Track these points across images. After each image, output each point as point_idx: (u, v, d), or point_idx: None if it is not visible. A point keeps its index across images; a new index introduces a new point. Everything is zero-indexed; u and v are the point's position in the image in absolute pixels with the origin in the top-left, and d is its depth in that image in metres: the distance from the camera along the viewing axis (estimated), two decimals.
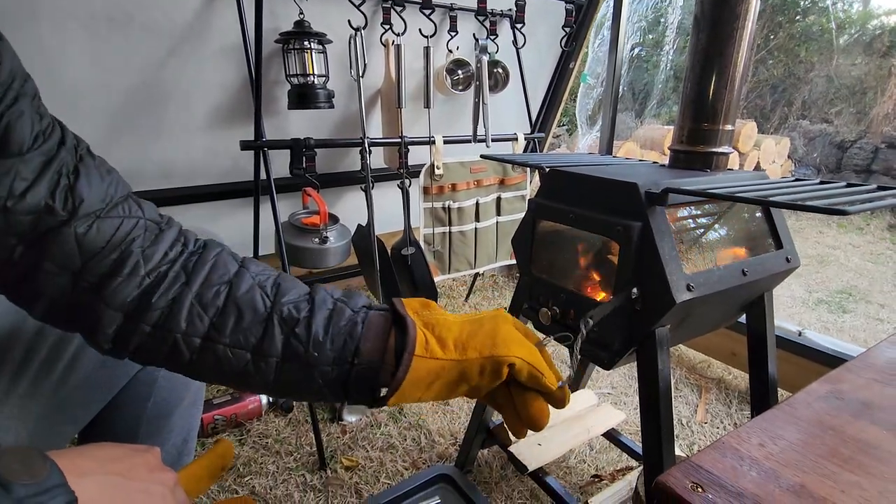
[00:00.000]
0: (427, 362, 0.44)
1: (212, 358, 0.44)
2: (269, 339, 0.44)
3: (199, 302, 0.44)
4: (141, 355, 0.45)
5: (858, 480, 0.42)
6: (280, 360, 0.44)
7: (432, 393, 0.46)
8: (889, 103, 5.20)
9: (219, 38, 1.29)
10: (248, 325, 0.44)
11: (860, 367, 0.60)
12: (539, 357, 0.46)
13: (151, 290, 0.43)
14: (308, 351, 0.44)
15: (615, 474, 1.13)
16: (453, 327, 0.47)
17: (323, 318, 0.45)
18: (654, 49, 5.84)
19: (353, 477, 1.13)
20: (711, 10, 0.74)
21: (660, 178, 0.69)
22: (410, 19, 1.40)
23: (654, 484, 0.42)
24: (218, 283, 0.45)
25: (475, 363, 0.45)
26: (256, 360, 0.44)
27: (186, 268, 0.45)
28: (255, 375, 0.44)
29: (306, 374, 0.44)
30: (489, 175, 1.63)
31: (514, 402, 0.47)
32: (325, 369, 0.44)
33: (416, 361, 0.44)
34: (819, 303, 2.56)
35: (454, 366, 0.45)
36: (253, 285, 0.45)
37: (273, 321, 0.44)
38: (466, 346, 0.45)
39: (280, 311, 0.44)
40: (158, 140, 1.38)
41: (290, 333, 0.44)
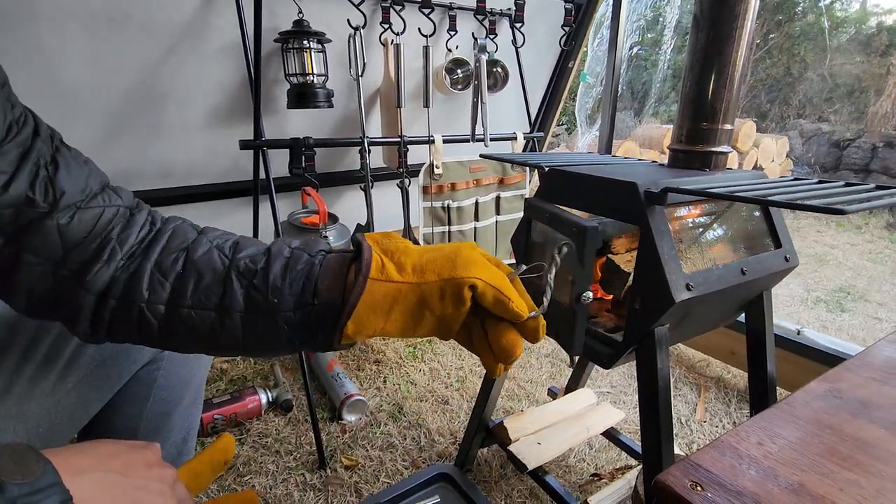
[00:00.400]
0: (383, 285, 0.43)
1: (179, 323, 0.44)
2: (229, 295, 0.44)
3: (159, 270, 0.44)
4: (115, 334, 0.46)
5: (857, 479, 0.42)
6: (243, 313, 0.44)
7: (394, 323, 0.44)
8: (887, 102, 5.21)
9: (218, 38, 1.28)
10: (209, 285, 0.44)
11: (858, 366, 0.60)
12: (505, 282, 0.44)
13: (122, 270, 0.44)
14: (268, 299, 0.44)
15: (614, 473, 1.13)
16: (413, 253, 0.45)
17: (280, 267, 0.45)
18: (653, 48, 5.84)
19: (352, 476, 1.13)
20: (711, 9, 0.74)
21: (659, 178, 0.69)
22: (410, 19, 1.40)
23: (654, 483, 0.42)
24: (176, 249, 0.46)
25: (434, 286, 0.43)
26: (222, 318, 0.44)
27: (147, 241, 0.46)
28: (224, 334, 0.44)
29: (271, 322, 0.44)
30: (488, 174, 1.63)
31: (487, 337, 0.45)
32: (287, 315, 0.44)
33: (370, 284, 0.43)
34: (818, 302, 2.57)
35: (412, 289, 0.43)
36: (210, 248, 0.46)
37: (231, 277, 0.44)
38: (425, 269, 0.43)
39: (237, 267, 0.45)
40: (158, 139, 1.38)
41: (249, 286, 0.44)
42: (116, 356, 0.62)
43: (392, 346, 1.70)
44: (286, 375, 1.50)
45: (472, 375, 1.56)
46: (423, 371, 1.57)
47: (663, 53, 5.63)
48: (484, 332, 0.45)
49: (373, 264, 0.43)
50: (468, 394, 1.46)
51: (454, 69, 1.64)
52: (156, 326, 0.44)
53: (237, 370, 1.53)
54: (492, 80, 1.65)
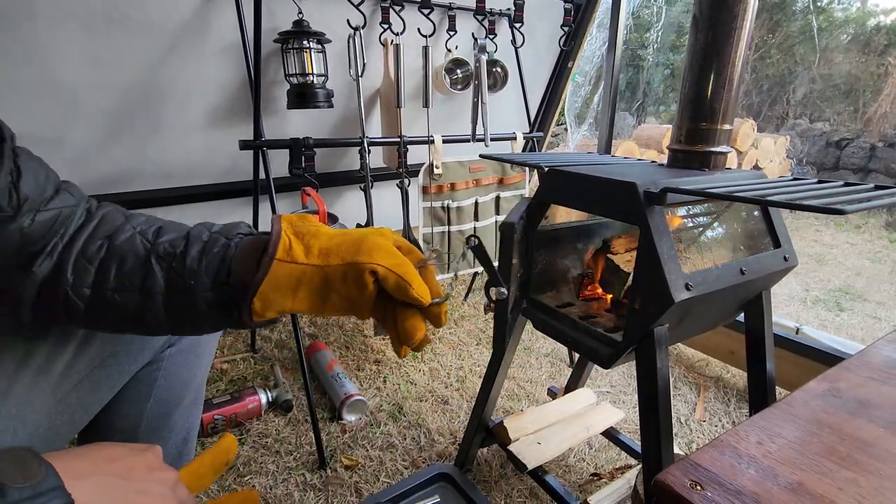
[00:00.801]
0: (287, 266, 0.45)
1: (104, 305, 0.46)
2: (151, 278, 0.46)
3: (84, 255, 0.47)
4: (50, 317, 0.48)
5: (855, 478, 0.42)
6: (164, 294, 0.47)
7: (301, 301, 0.46)
8: (886, 102, 5.22)
9: (217, 38, 1.28)
10: (131, 269, 0.47)
11: (857, 366, 0.61)
12: (408, 268, 0.46)
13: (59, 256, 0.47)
14: (186, 281, 0.46)
15: (614, 473, 1.13)
16: (322, 236, 0.48)
17: (197, 251, 0.47)
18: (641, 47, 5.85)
19: (352, 476, 1.14)
20: (710, 9, 0.74)
21: (658, 178, 0.70)
22: (409, 19, 1.40)
23: (654, 482, 0.42)
24: (101, 236, 0.48)
25: (338, 270, 0.45)
26: (144, 300, 0.46)
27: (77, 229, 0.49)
28: (148, 314, 0.47)
29: (191, 302, 0.47)
30: (488, 174, 1.64)
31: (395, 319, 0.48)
32: (206, 295, 0.46)
33: (276, 265, 0.45)
34: (817, 301, 2.57)
35: (316, 271, 0.46)
36: (133, 234, 0.49)
37: (152, 260, 0.47)
38: (330, 252, 0.46)
39: (157, 251, 0.47)
40: (157, 140, 1.37)
41: (169, 269, 0.47)
42: (117, 357, 0.62)
43: (391, 346, 1.70)
44: (286, 376, 1.50)
45: (471, 375, 1.56)
46: (422, 371, 1.57)
47: (649, 53, 5.65)
48: (394, 316, 0.48)
49: (280, 246, 0.46)
50: (468, 394, 1.46)
51: (454, 69, 1.64)
52: (82, 308, 0.46)
53: (237, 371, 1.53)
54: (491, 80, 1.65)
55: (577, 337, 0.81)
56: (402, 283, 0.45)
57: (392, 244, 0.48)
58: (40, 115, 1.17)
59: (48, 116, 1.18)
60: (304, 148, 1.28)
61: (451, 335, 1.80)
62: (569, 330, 0.83)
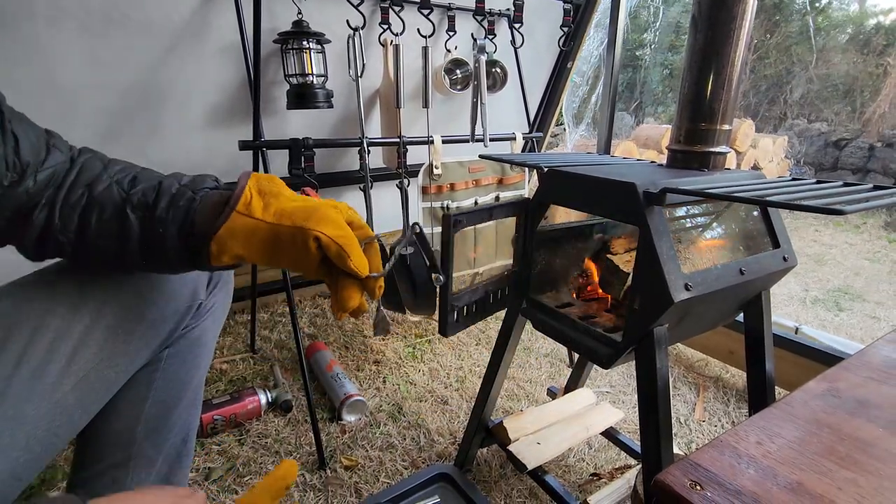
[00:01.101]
0: (244, 219, 0.51)
1: (88, 248, 0.53)
2: (126, 226, 0.52)
3: (68, 203, 0.52)
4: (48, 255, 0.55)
5: (855, 478, 0.42)
6: (139, 240, 0.53)
7: (254, 253, 0.52)
8: (885, 102, 5.22)
9: (217, 38, 1.28)
10: (109, 217, 0.53)
11: (857, 366, 0.61)
12: (351, 242, 0.52)
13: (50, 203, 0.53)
14: (156, 229, 0.52)
15: (614, 473, 1.13)
16: (283, 199, 0.53)
17: (166, 202, 0.53)
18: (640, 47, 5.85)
19: (352, 476, 1.14)
20: (709, 10, 0.74)
21: (658, 178, 0.70)
22: (409, 19, 1.40)
23: (654, 482, 0.42)
24: (82, 185, 0.53)
25: (287, 231, 0.51)
26: (122, 244, 0.53)
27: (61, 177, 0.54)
28: (127, 256, 0.54)
29: (162, 247, 0.53)
30: (488, 174, 1.64)
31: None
32: (173, 242, 0.53)
33: (234, 216, 0.51)
34: (816, 301, 2.57)
35: (269, 228, 0.51)
36: (111, 183, 0.54)
37: (127, 210, 0.52)
38: (284, 214, 0.52)
39: (132, 201, 0.53)
40: (157, 140, 1.37)
41: (142, 217, 0.53)
42: (114, 357, 0.62)
43: (391, 347, 1.70)
44: (286, 376, 1.50)
45: (471, 375, 1.56)
46: (422, 371, 1.57)
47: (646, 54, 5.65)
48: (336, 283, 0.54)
49: (241, 199, 0.52)
50: (467, 394, 1.46)
51: (453, 69, 1.64)
52: (70, 250, 0.53)
53: (237, 371, 1.53)
54: (491, 80, 1.65)
55: (577, 337, 0.81)
56: (341, 253, 0.51)
57: (342, 218, 0.53)
58: (40, 115, 1.15)
59: (47, 116, 1.16)
60: (303, 148, 1.28)
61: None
62: (568, 330, 0.83)
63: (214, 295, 0.73)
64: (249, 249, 0.52)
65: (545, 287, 0.96)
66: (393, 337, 1.77)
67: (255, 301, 1.59)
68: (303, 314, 1.93)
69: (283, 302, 1.98)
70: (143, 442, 0.70)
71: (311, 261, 0.52)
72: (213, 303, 0.73)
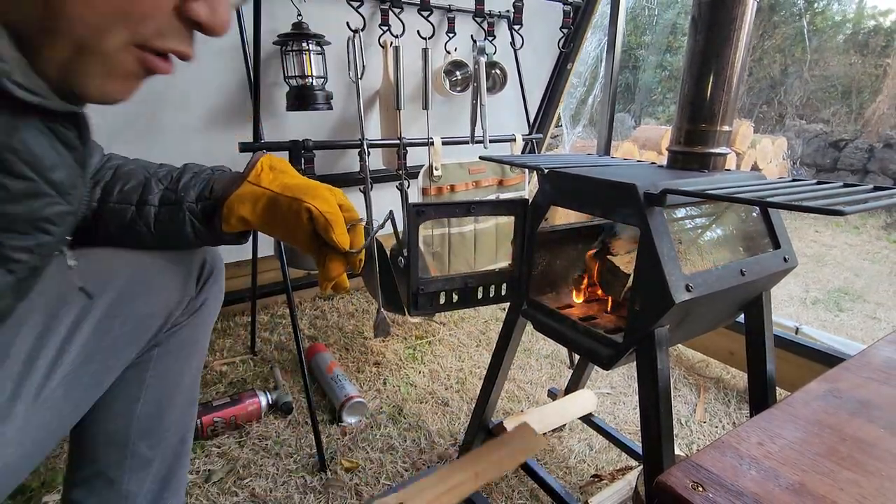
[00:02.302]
0: (252, 187, 0.63)
1: (105, 214, 0.62)
2: (148, 191, 0.62)
3: (93, 178, 0.62)
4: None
5: (856, 478, 0.42)
6: (157, 206, 0.62)
7: (256, 215, 0.62)
8: (884, 103, 5.23)
9: (217, 40, 1.28)
10: (132, 187, 0.63)
11: (858, 367, 0.61)
12: (338, 218, 0.61)
13: None
14: (178, 193, 0.63)
15: (615, 474, 1.13)
16: (288, 177, 0.64)
17: (189, 176, 0.65)
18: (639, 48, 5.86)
19: (353, 478, 1.13)
20: (708, 12, 0.74)
21: (658, 179, 0.70)
22: (409, 21, 1.40)
23: (655, 483, 0.42)
24: (109, 167, 0.64)
25: (285, 200, 0.61)
26: (139, 210, 0.62)
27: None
28: (139, 221, 0.62)
29: (178, 213, 0.62)
30: (488, 176, 1.64)
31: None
32: (190, 205, 0.63)
33: (245, 184, 0.63)
34: (816, 302, 2.57)
35: (271, 196, 0.62)
36: (137, 166, 0.65)
37: (151, 182, 0.63)
38: (286, 188, 0.62)
39: (156, 174, 0.64)
40: (156, 141, 1.37)
41: (165, 188, 0.63)
42: (101, 352, 0.61)
43: (391, 348, 1.70)
44: (286, 378, 1.50)
45: (471, 377, 1.56)
46: (422, 373, 1.57)
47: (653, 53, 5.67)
48: (324, 258, 0.63)
49: (253, 171, 0.63)
50: (468, 395, 1.46)
51: (453, 71, 1.64)
52: (89, 219, 0.62)
53: (237, 373, 1.52)
54: (491, 81, 1.65)
55: (577, 338, 0.81)
56: (327, 227, 0.59)
57: (335, 199, 0.62)
58: None
59: None
60: (303, 150, 1.28)
61: (451, 336, 1.80)
62: (569, 331, 0.83)
63: (205, 291, 0.73)
64: (254, 213, 0.62)
65: (545, 288, 0.96)
66: (393, 339, 1.77)
67: (255, 303, 1.59)
68: (303, 316, 1.93)
69: (284, 304, 1.98)
70: (137, 442, 0.70)
71: (302, 231, 0.61)
72: (203, 298, 0.73)
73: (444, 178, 1.52)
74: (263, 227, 0.63)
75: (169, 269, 0.67)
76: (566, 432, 1.31)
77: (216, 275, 0.75)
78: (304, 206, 0.59)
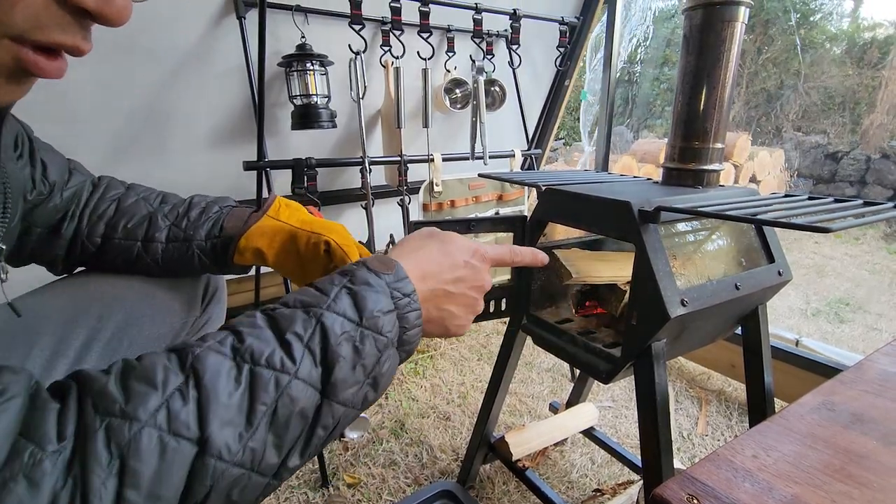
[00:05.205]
0: (273, 221, 0.66)
1: (110, 249, 0.64)
2: (155, 229, 0.64)
3: (96, 213, 0.64)
4: (73, 265, 0.66)
5: (849, 490, 0.43)
6: (164, 243, 0.64)
7: (274, 247, 0.65)
8: (881, 114, 5.28)
9: (223, 62, 1.32)
10: (136, 223, 0.64)
11: (852, 379, 0.62)
12: (355, 249, 0.65)
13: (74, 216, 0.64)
14: (186, 232, 0.65)
15: (616, 488, 1.13)
16: (303, 214, 0.69)
17: (197, 213, 0.66)
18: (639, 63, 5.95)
19: (355, 494, 1.13)
20: (699, 34, 0.77)
21: (652, 196, 0.71)
22: (409, 41, 1.43)
23: (652, 496, 0.43)
24: (109, 199, 0.65)
25: (305, 234, 0.65)
26: (146, 245, 0.64)
27: (88, 194, 0.66)
28: (146, 257, 0.64)
29: (186, 249, 0.65)
30: (487, 191, 1.66)
31: None
32: (199, 243, 0.65)
33: (265, 219, 0.66)
34: (817, 313, 2.57)
35: (291, 230, 0.65)
36: (138, 199, 0.66)
37: (157, 217, 0.65)
38: (305, 223, 0.66)
39: (161, 210, 0.66)
40: (161, 161, 1.40)
41: (171, 224, 0.65)
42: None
43: None
44: None
45: (473, 391, 1.56)
46: (424, 387, 1.58)
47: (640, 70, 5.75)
48: None
49: (272, 207, 0.67)
50: (470, 409, 1.46)
51: (453, 89, 1.67)
52: (93, 251, 0.64)
53: None
54: (490, 98, 1.68)
55: (577, 352, 0.82)
56: (345, 257, 0.63)
57: (349, 235, 0.67)
58: (48, 138, 1.19)
59: (55, 138, 1.17)
60: (306, 167, 1.30)
61: (453, 351, 1.81)
62: (568, 346, 0.84)
63: (209, 310, 0.75)
64: (271, 247, 0.65)
65: (545, 303, 0.97)
66: None
67: None
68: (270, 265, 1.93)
69: None
70: None
71: (319, 262, 0.63)
72: (207, 317, 0.75)
73: (444, 194, 1.54)
74: (277, 260, 0.66)
75: (175, 291, 0.69)
76: (568, 446, 1.31)
77: (219, 294, 0.77)
78: (322, 238, 0.63)
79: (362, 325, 0.41)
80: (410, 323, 0.45)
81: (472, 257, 0.52)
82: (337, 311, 0.41)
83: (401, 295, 0.44)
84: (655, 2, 5.23)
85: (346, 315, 0.41)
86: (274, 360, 0.37)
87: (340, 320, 0.40)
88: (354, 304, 0.42)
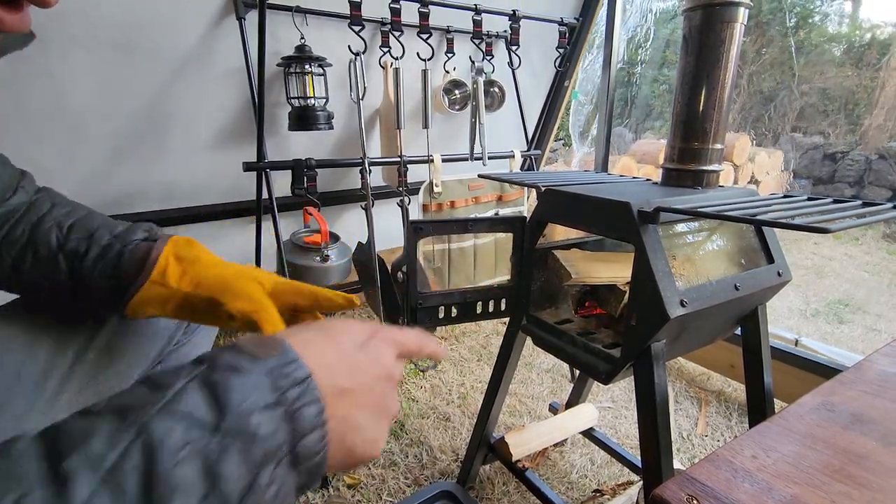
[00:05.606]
0: (158, 287, 0.53)
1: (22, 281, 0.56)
2: (57, 271, 0.54)
3: (8, 240, 0.55)
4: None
5: (849, 491, 0.43)
6: (68, 282, 0.55)
7: (170, 313, 0.54)
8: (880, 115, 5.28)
9: (222, 63, 1.32)
10: (44, 259, 0.54)
11: (852, 379, 0.62)
12: (266, 311, 0.52)
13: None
14: (84, 277, 0.54)
15: (616, 489, 1.13)
16: (200, 265, 0.54)
17: (95, 254, 0.54)
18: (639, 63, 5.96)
19: (355, 495, 1.13)
20: (698, 35, 0.77)
21: (651, 197, 0.71)
22: (408, 43, 1.44)
23: (651, 497, 0.43)
24: (26, 223, 0.55)
25: (201, 301, 0.53)
26: (52, 283, 0.55)
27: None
28: (57, 296, 0.56)
29: (88, 292, 0.55)
30: (487, 192, 1.66)
31: None
32: (98, 290, 0.55)
33: (148, 285, 0.53)
34: (817, 314, 2.57)
35: (184, 296, 0.53)
36: (52, 226, 0.55)
37: (59, 257, 0.54)
38: (200, 284, 0.53)
39: (65, 249, 0.55)
40: (162, 162, 1.40)
41: (71, 266, 0.54)
42: (106, 374, 0.62)
43: None
44: None
45: (473, 392, 1.56)
46: (424, 388, 1.58)
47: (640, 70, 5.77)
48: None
49: (156, 268, 0.53)
50: (469, 410, 1.46)
51: (452, 90, 1.67)
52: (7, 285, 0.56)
53: None
54: (489, 99, 1.69)
55: (576, 353, 0.82)
56: (255, 328, 0.52)
57: (259, 290, 0.54)
58: (49, 141, 1.20)
59: (56, 140, 1.21)
60: (306, 168, 1.31)
61: (453, 351, 1.81)
62: (567, 346, 0.84)
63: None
64: (166, 310, 0.54)
65: (544, 303, 0.97)
66: None
67: None
68: None
69: None
70: None
71: (231, 326, 0.54)
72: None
73: (444, 195, 1.54)
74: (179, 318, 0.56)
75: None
76: (568, 447, 1.31)
77: None
78: (223, 310, 0.52)
79: (222, 429, 0.26)
80: (308, 423, 0.30)
81: (368, 338, 0.38)
82: (176, 413, 0.26)
83: (289, 384, 0.30)
84: (656, 2, 5.23)
85: (192, 416, 0.26)
86: None
87: (182, 426, 0.25)
88: (211, 400, 0.27)
